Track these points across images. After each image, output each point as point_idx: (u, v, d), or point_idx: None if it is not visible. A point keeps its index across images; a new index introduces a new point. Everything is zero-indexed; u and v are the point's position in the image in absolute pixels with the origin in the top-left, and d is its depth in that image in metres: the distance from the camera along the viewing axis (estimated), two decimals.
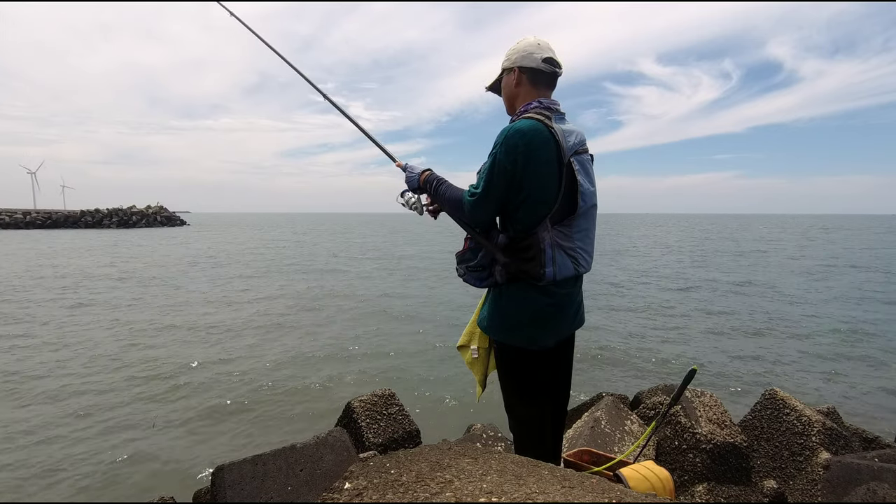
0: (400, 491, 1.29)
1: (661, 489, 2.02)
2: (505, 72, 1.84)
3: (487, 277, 1.81)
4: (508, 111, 1.89)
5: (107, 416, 5.56)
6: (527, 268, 1.69)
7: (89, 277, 16.90)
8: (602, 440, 3.01)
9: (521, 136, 1.63)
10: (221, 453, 4.72)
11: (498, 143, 1.66)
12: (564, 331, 1.84)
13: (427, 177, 1.93)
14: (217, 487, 1.93)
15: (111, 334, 9.24)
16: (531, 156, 1.63)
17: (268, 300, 13.14)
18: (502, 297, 1.78)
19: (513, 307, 1.76)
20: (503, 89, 1.88)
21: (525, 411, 1.89)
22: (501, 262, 1.74)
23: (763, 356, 8.11)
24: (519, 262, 1.71)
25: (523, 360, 1.82)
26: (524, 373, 1.85)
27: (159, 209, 73.18)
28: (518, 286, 1.74)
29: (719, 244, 37.78)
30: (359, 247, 34.98)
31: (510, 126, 1.67)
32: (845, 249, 32.32)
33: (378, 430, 3.07)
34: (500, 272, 1.75)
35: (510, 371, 1.87)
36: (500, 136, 1.67)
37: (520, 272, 1.71)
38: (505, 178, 1.65)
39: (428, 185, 1.91)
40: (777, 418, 3.03)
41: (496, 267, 1.77)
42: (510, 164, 1.63)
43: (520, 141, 1.62)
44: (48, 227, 59.24)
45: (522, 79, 1.80)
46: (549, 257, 1.69)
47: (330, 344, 8.80)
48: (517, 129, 1.64)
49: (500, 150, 1.64)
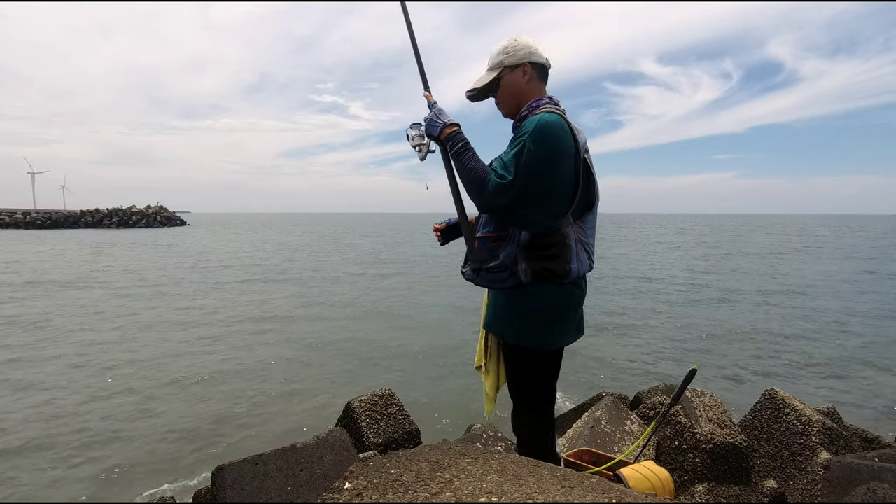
0: (400, 491, 1.29)
1: (662, 489, 2.02)
2: (507, 69, 1.78)
3: (509, 278, 1.70)
4: (511, 111, 1.82)
5: (106, 416, 5.56)
6: (552, 265, 1.66)
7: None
8: (602, 440, 3.01)
9: (550, 127, 1.62)
10: (221, 453, 4.72)
11: (526, 133, 1.62)
12: (574, 330, 1.81)
13: (453, 133, 1.73)
14: (217, 487, 1.93)
15: (109, 334, 9.24)
16: (559, 148, 1.62)
17: (267, 300, 13.13)
18: (522, 297, 1.70)
19: (534, 307, 1.70)
20: (506, 88, 1.80)
21: (537, 416, 1.86)
22: (526, 260, 1.67)
23: (763, 356, 8.11)
24: (543, 260, 1.66)
25: (539, 362, 1.79)
26: (539, 375, 1.81)
27: (159, 209, 73.17)
28: (539, 285, 1.68)
29: (719, 244, 37.77)
30: (359, 247, 34.97)
31: (539, 117, 1.64)
32: (849, 247, 32.33)
33: (378, 430, 3.07)
34: (525, 271, 1.68)
35: (526, 375, 1.81)
36: (529, 126, 1.63)
37: (545, 270, 1.66)
38: (531, 169, 1.61)
39: (450, 143, 1.73)
40: (777, 418, 3.03)
41: (519, 266, 1.68)
42: (540, 154, 1.60)
43: (550, 132, 1.61)
44: (48, 227, 59.22)
45: (533, 75, 1.77)
46: (574, 253, 1.69)
47: (330, 344, 8.80)
48: (546, 120, 1.63)
49: (529, 139, 1.61)
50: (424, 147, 1.81)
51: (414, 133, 1.83)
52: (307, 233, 58.72)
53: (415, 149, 1.82)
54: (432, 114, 1.80)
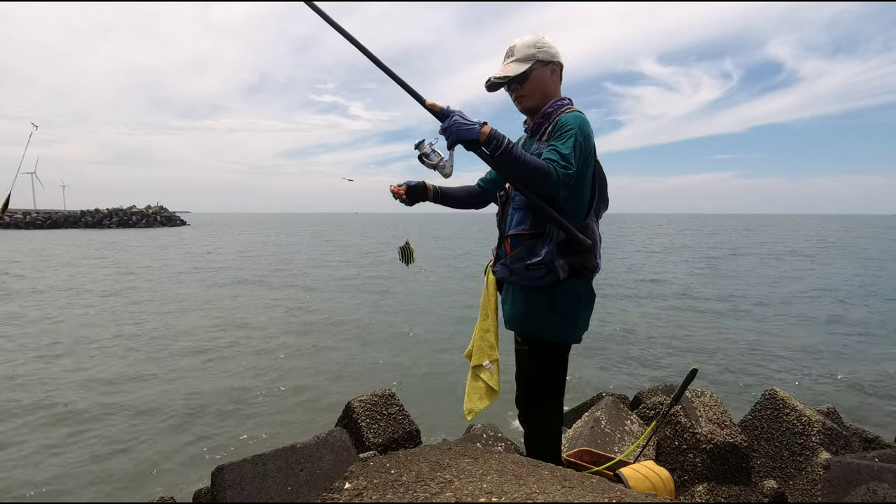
0: (400, 491, 1.29)
1: (662, 489, 2.02)
2: (539, 63, 1.76)
3: (546, 275, 1.69)
4: (535, 105, 1.81)
5: (106, 416, 5.56)
6: (586, 260, 1.72)
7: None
8: (602, 440, 3.01)
9: (588, 125, 1.69)
10: (221, 453, 4.72)
11: (574, 127, 1.64)
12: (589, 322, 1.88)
13: (492, 132, 1.54)
14: (217, 487, 1.93)
15: (105, 330, 9.25)
16: (593, 145, 1.71)
17: (266, 300, 13.14)
18: (558, 294, 1.72)
19: (569, 303, 1.74)
20: (536, 82, 1.77)
21: (557, 415, 1.90)
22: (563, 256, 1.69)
23: (763, 356, 8.11)
24: (580, 255, 1.71)
25: (564, 356, 1.85)
26: (563, 370, 1.87)
27: (159, 209, 73.15)
28: (573, 281, 1.73)
29: (720, 245, 37.77)
30: (358, 248, 34.98)
31: (577, 114, 1.70)
32: (849, 247, 32.33)
33: (378, 430, 3.07)
34: (563, 267, 1.68)
35: (559, 370, 1.85)
36: (575, 121, 1.66)
37: (582, 266, 1.72)
38: (584, 161, 1.66)
39: (495, 143, 1.54)
40: (777, 418, 3.03)
41: (557, 262, 1.68)
42: (587, 147, 1.66)
43: (589, 130, 1.69)
44: (48, 227, 59.21)
45: (560, 75, 1.83)
46: (599, 249, 1.79)
47: (330, 344, 8.80)
48: (586, 119, 1.70)
49: (580, 133, 1.63)
50: (449, 161, 1.62)
51: (429, 151, 1.62)
52: (306, 233, 58.70)
53: (436, 168, 1.62)
54: (456, 118, 1.55)
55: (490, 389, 1.95)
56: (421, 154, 1.63)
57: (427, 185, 1.99)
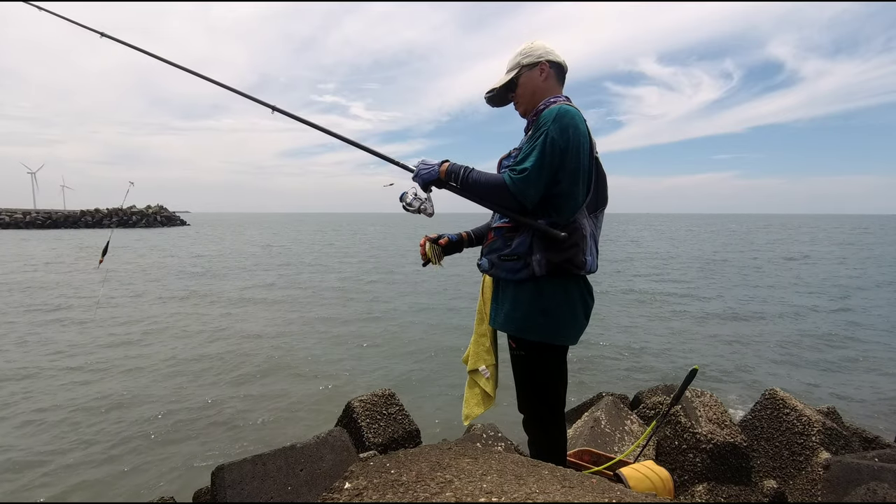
0: (400, 491, 1.29)
1: (662, 489, 2.02)
2: (525, 68, 1.80)
3: (523, 268, 1.67)
4: (528, 108, 1.83)
5: (105, 416, 5.56)
6: (569, 255, 1.64)
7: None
8: (602, 440, 3.01)
9: (571, 117, 1.64)
10: (221, 453, 4.72)
11: (548, 122, 1.63)
12: (585, 325, 1.79)
13: (450, 167, 1.74)
14: (217, 487, 1.93)
15: (104, 332, 9.25)
16: (579, 135, 1.64)
17: (265, 300, 13.14)
18: (543, 291, 1.67)
19: (557, 302, 1.67)
20: (524, 86, 1.81)
21: (561, 419, 1.83)
22: (542, 251, 1.64)
23: (763, 356, 8.11)
24: (563, 251, 1.64)
25: (560, 359, 1.78)
26: (562, 373, 1.80)
27: (159, 209, 73.12)
28: (557, 279, 1.66)
29: (722, 245, 37.77)
30: (358, 248, 34.98)
31: (558, 107, 1.66)
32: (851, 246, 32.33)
33: (378, 430, 3.07)
34: (539, 262, 1.64)
35: (552, 374, 1.77)
36: (550, 115, 1.64)
37: (565, 262, 1.64)
38: (556, 157, 1.61)
39: (453, 176, 1.72)
40: (777, 418, 3.03)
41: (534, 256, 1.65)
42: (563, 141, 1.61)
43: (570, 122, 1.63)
44: (48, 227, 59.20)
45: (550, 73, 1.80)
46: (590, 246, 1.70)
47: (329, 344, 8.80)
48: (566, 110, 1.65)
49: (553, 127, 1.62)
50: (426, 203, 1.77)
51: (410, 199, 1.78)
52: (306, 232, 58.70)
53: (420, 213, 1.78)
54: (419, 169, 1.77)
55: (486, 395, 1.93)
56: (405, 204, 1.78)
57: (462, 234, 1.99)
